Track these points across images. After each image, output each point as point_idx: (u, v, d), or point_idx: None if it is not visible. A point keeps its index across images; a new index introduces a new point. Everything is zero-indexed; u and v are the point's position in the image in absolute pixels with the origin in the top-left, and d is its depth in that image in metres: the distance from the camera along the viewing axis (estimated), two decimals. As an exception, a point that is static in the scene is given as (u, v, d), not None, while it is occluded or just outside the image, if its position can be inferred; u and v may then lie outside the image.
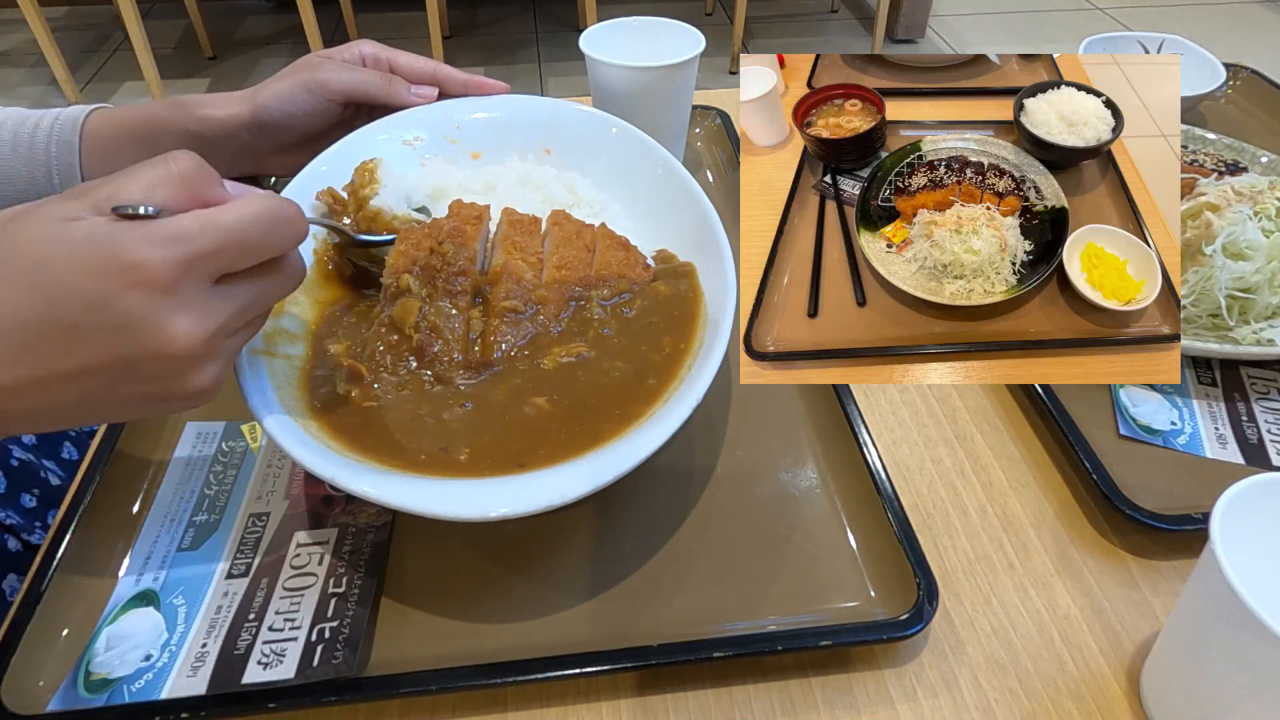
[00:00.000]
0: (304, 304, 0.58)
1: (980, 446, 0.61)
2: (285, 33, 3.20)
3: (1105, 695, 0.47)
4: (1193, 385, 0.64)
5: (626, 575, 0.51)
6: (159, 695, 0.45)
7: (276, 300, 0.46)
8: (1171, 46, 0.96)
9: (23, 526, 0.67)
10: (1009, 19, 3.37)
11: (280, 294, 0.45)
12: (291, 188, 0.61)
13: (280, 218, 0.42)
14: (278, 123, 0.69)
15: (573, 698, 0.47)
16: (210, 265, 0.39)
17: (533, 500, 0.44)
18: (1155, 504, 0.54)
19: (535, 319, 0.56)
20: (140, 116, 0.68)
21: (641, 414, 0.51)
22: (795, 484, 0.56)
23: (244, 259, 0.41)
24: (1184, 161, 0.77)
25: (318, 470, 0.44)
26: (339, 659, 0.46)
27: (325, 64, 0.70)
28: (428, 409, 0.52)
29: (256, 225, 0.40)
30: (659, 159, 0.66)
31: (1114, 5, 3.43)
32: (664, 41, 0.81)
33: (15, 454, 0.70)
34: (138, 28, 2.42)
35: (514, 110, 0.72)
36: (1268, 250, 0.62)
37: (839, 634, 0.47)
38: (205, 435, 0.59)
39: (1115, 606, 0.51)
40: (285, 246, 0.43)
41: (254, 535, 0.53)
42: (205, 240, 0.39)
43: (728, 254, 0.57)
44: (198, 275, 0.39)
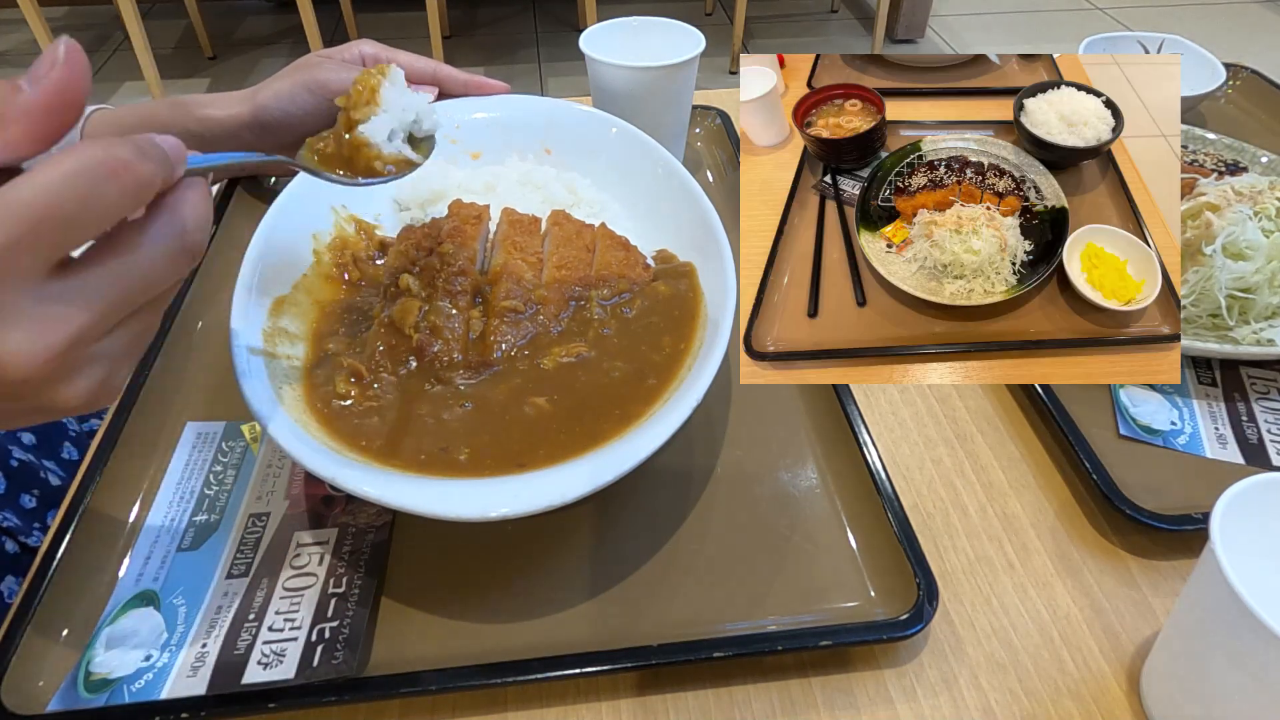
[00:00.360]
0: (304, 304, 0.58)
1: (980, 446, 0.61)
2: (285, 33, 3.20)
3: (1105, 695, 0.47)
4: (1193, 385, 0.64)
5: (626, 575, 0.51)
6: (159, 695, 0.45)
7: (166, 277, 0.35)
8: (1171, 46, 0.96)
9: (20, 529, 0.67)
10: (1009, 19, 3.37)
11: (162, 266, 0.35)
12: (291, 188, 0.61)
13: (104, 171, 0.31)
14: (278, 122, 0.69)
15: (573, 698, 0.47)
16: (20, 261, 0.30)
17: (533, 500, 0.44)
18: (1155, 504, 0.54)
19: (535, 319, 0.56)
20: (140, 116, 0.68)
21: (641, 414, 0.51)
22: (795, 484, 0.56)
23: (70, 238, 0.31)
24: (1184, 161, 0.77)
25: (318, 470, 0.44)
26: (339, 659, 0.46)
27: (325, 64, 0.70)
28: (428, 409, 0.52)
29: (69, 192, 0.30)
30: (659, 159, 0.66)
31: (1114, 5, 3.43)
32: (664, 41, 0.81)
33: (15, 454, 0.70)
34: (138, 28, 2.43)
35: (514, 110, 0.72)
36: (1268, 250, 0.62)
37: (839, 634, 0.47)
38: (205, 435, 0.59)
39: (1115, 606, 0.51)
40: (125, 206, 0.32)
41: (254, 535, 0.53)
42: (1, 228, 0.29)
43: (728, 254, 0.57)
44: (14, 271, 0.30)
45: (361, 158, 0.48)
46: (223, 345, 0.50)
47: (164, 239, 0.34)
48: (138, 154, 0.32)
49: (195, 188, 0.36)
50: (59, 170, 0.30)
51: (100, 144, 0.32)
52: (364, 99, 0.48)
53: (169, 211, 0.35)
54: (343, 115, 0.49)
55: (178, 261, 0.35)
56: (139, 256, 0.34)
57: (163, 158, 0.34)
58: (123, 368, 0.37)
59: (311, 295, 0.59)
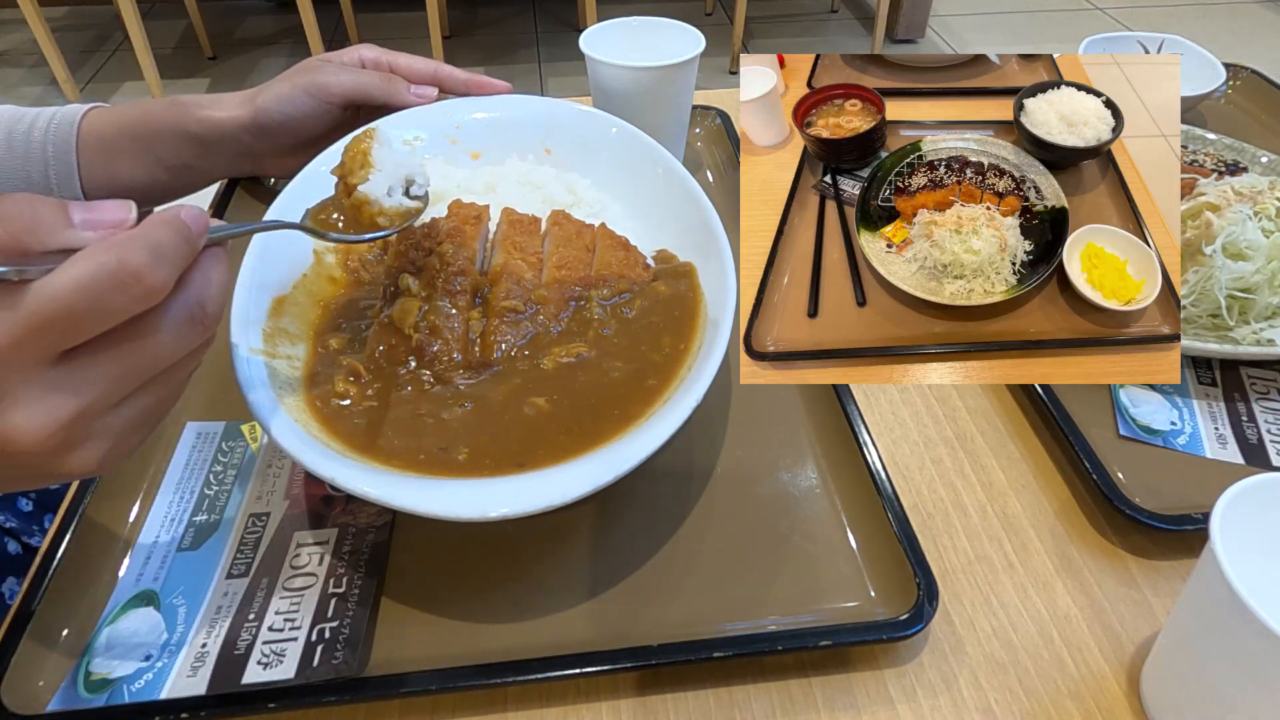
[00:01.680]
0: (304, 304, 0.58)
1: (980, 446, 0.61)
2: (285, 33, 3.20)
3: (1105, 695, 0.47)
4: (1193, 385, 0.64)
5: (626, 575, 0.51)
6: (159, 695, 0.45)
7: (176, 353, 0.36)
8: (1171, 46, 0.96)
9: (21, 529, 0.67)
10: (1009, 19, 3.37)
11: (172, 344, 0.36)
12: (290, 189, 0.61)
13: (114, 283, 0.32)
14: (278, 125, 0.69)
15: (573, 698, 0.47)
16: (24, 356, 0.32)
17: (533, 500, 0.44)
18: (1155, 504, 0.54)
19: (535, 319, 0.56)
20: (140, 115, 0.68)
21: (641, 414, 0.51)
22: (795, 484, 0.56)
23: (74, 338, 0.33)
24: (1184, 161, 0.77)
25: (318, 470, 0.44)
26: (339, 659, 0.46)
27: (325, 67, 0.70)
28: (427, 409, 0.52)
29: (77, 300, 0.32)
30: (659, 159, 0.66)
31: (1114, 5, 3.43)
32: (664, 41, 0.81)
33: None
34: (138, 28, 2.43)
35: (514, 110, 0.72)
36: (1268, 250, 0.62)
37: (839, 634, 0.47)
38: (205, 435, 0.59)
39: (1115, 606, 0.51)
40: (133, 311, 0.34)
41: (254, 535, 0.53)
42: (8, 326, 0.31)
43: (728, 254, 0.57)
44: (17, 362, 0.32)
45: (365, 215, 0.51)
46: (223, 345, 0.50)
47: (177, 320, 0.36)
48: (152, 262, 0.33)
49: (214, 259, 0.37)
50: (72, 277, 0.32)
51: (117, 249, 0.33)
52: (358, 164, 0.51)
53: (185, 289, 0.36)
54: (340, 184, 0.51)
55: (189, 338, 0.36)
56: (148, 338, 0.35)
57: (179, 254, 0.35)
58: (132, 438, 0.37)
59: (311, 295, 0.59)
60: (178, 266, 0.35)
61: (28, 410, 0.33)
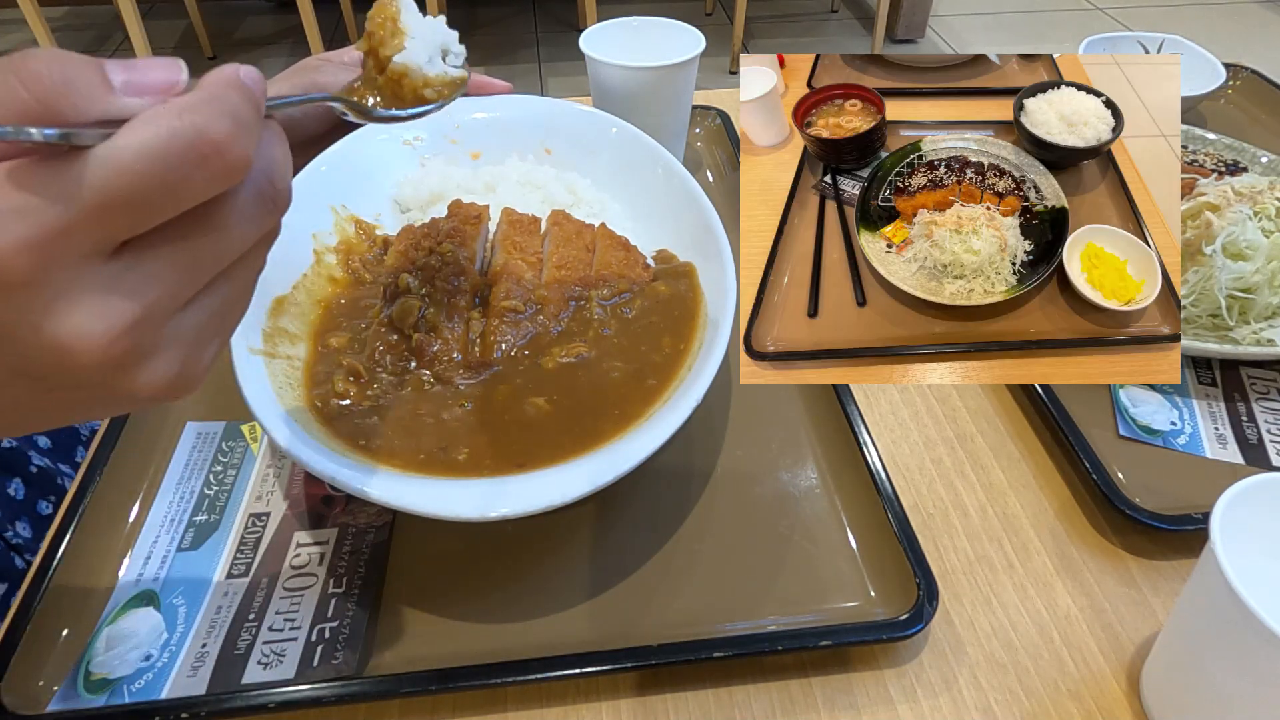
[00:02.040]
0: (305, 304, 0.58)
1: (980, 446, 0.61)
2: (285, 33, 3.20)
3: (1105, 695, 0.47)
4: (1193, 385, 0.64)
5: (626, 575, 0.51)
6: (159, 695, 0.45)
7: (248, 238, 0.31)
8: (1171, 46, 0.96)
9: (27, 545, 0.66)
10: (1009, 19, 3.37)
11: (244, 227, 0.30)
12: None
13: (194, 156, 0.26)
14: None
15: (573, 698, 0.47)
16: (81, 243, 0.26)
17: (533, 500, 0.44)
18: (1155, 504, 0.54)
19: (535, 319, 0.56)
20: None
21: (641, 414, 0.51)
22: (795, 484, 0.56)
23: (139, 225, 0.27)
24: (1184, 161, 0.77)
25: (318, 470, 0.44)
26: (339, 659, 0.46)
27: (324, 66, 0.70)
28: (427, 409, 0.52)
29: (153, 172, 0.26)
30: (659, 159, 0.66)
31: (1114, 5, 3.43)
32: (664, 41, 0.81)
33: (34, 460, 0.69)
34: (138, 28, 2.42)
35: (514, 110, 0.72)
36: (1268, 250, 0.62)
37: (839, 634, 0.47)
38: (205, 435, 0.59)
39: (1115, 606, 0.51)
40: (207, 190, 0.28)
41: (254, 535, 0.53)
42: (62, 207, 0.25)
43: (728, 254, 0.57)
44: (71, 255, 0.26)
45: (407, 89, 0.43)
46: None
47: (249, 200, 0.30)
48: (235, 131, 0.27)
49: (271, 130, 0.32)
50: (139, 147, 0.26)
51: (191, 114, 0.26)
52: (389, 31, 0.43)
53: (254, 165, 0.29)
54: (368, 59, 0.43)
55: (262, 222, 0.31)
56: (218, 221, 0.29)
57: (256, 125, 0.29)
58: (207, 347, 0.32)
59: (311, 295, 0.59)
60: (256, 139, 0.29)
61: (82, 314, 0.26)
